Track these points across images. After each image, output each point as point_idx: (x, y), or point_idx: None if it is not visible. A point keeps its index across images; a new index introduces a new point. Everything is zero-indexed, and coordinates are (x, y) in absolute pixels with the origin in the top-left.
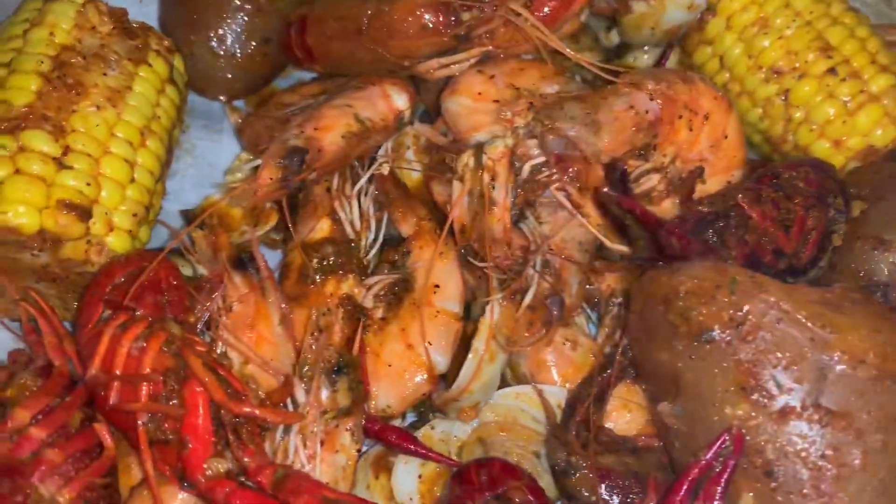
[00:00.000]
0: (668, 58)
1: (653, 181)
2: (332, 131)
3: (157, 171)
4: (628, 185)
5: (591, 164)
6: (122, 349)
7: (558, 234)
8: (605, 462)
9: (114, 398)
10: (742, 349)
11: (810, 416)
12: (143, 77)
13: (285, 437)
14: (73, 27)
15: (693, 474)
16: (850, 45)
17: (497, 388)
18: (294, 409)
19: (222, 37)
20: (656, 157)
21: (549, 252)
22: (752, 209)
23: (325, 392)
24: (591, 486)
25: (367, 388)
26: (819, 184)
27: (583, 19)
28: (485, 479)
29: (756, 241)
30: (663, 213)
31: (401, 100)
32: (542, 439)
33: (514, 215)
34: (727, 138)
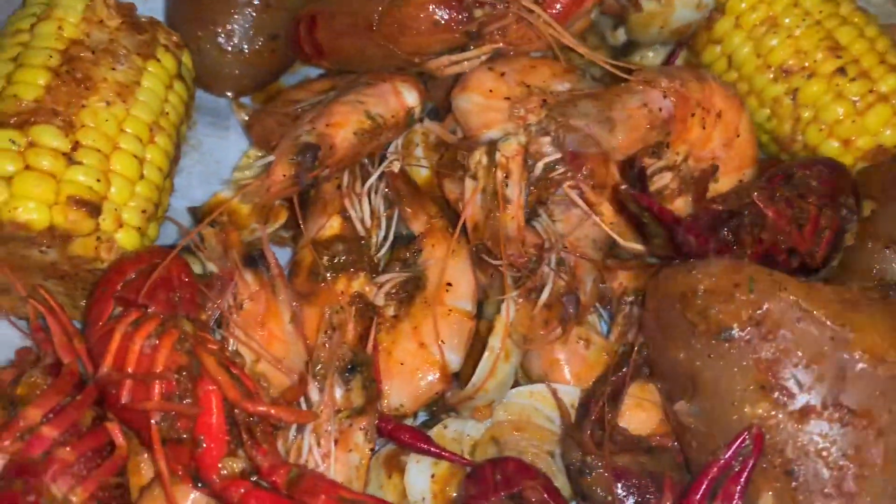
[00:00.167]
0: (677, 57)
1: (665, 179)
2: (344, 128)
3: (165, 168)
4: (646, 183)
5: (605, 161)
6: (135, 347)
7: (572, 232)
8: (621, 461)
9: (126, 397)
10: (762, 347)
11: (831, 415)
12: (151, 72)
13: (298, 437)
14: (81, 21)
15: (712, 473)
16: (860, 44)
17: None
18: (307, 408)
19: (230, 33)
20: (669, 155)
21: (564, 250)
22: (768, 207)
23: (339, 391)
24: (606, 485)
25: (380, 386)
26: (832, 183)
27: (592, 17)
28: (500, 478)
29: (772, 240)
30: (676, 211)
31: (411, 97)
32: (556, 439)
33: (527, 213)
34: (739, 137)
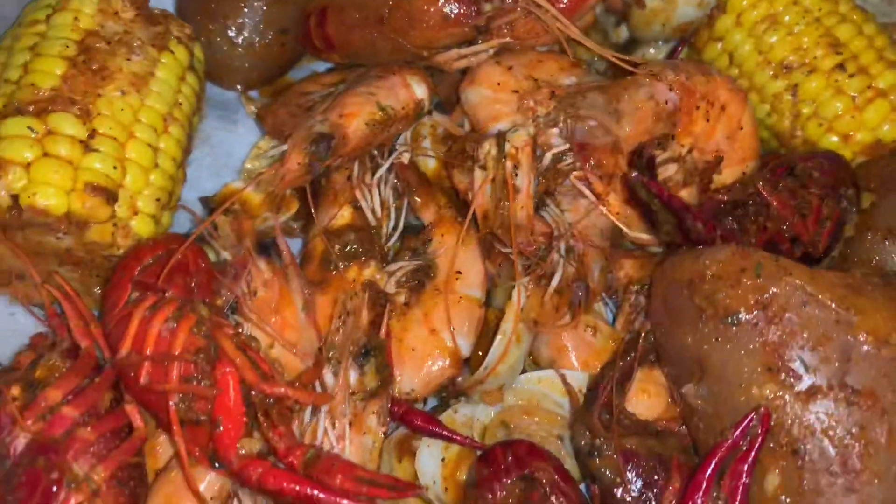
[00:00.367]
0: (678, 54)
1: (670, 171)
2: (356, 118)
3: (178, 158)
4: (655, 171)
5: (613, 152)
6: (153, 330)
7: (579, 221)
8: (629, 444)
9: (145, 379)
10: (768, 331)
11: (836, 395)
12: (165, 63)
13: (313, 420)
14: (96, 12)
15: (720, 453)
16: (859, 41)
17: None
18: (322, 391)
19: (240, 26)
20: (674, 146)
21: (573, 238)
22: (772, 196)
23: (353, 374)
24: (615, 467)
25: (392, 370)
26: (833, 174)
27: (597, 12)
28: (511, 459)
29: (776, 228)
30: None
31: (420, 89)
32: (565, 423)
33: (535, 203)
34: (742, 130)
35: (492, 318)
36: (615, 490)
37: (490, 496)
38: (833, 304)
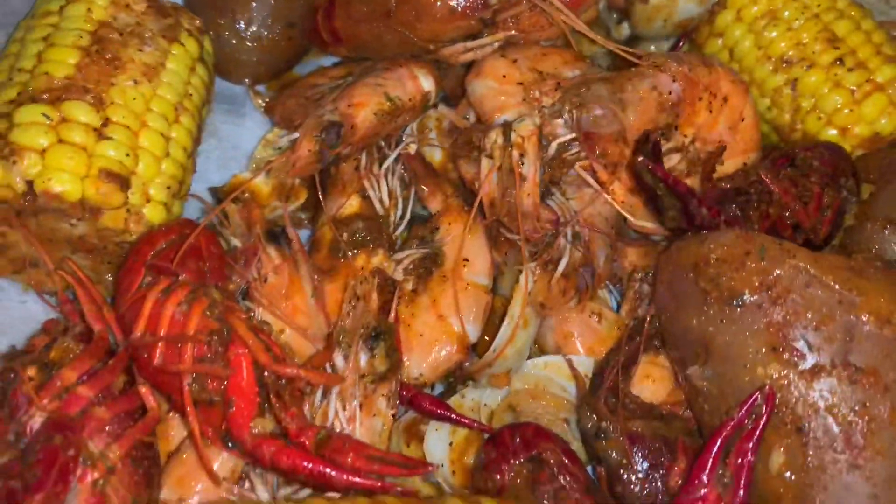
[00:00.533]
0: (680, 48)
1: (673, 161)
2: (364, 108)
3: (189, 147)
4: (660, 156)
5: (617, 142)
6: (167, 312)
7: (584, 209)
8: (634, 427)
9: (159, 359)
10: (773, 312)
11: (840, 373)
12: (175, 55)
13: (324, 402)
14: (109, 4)
15: (726, 432)
16: (857, 36)
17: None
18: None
19: (249, 20)
20: (677, 137)
21: (578, 224)
22: (774, 183)
23: (363, 357)
24: (621, 448)
25: (401, 354)
26: (833, 164)
27: (600, 8)
28: (518, 441)
29: (778, 215)
30: None
31: (427, 82)
32: (571, 406)
33: (541, 192)
34: (744, 121)
35: (498, 305)
36: (621, 471)
37: (498, 477)
38: (836, 286)
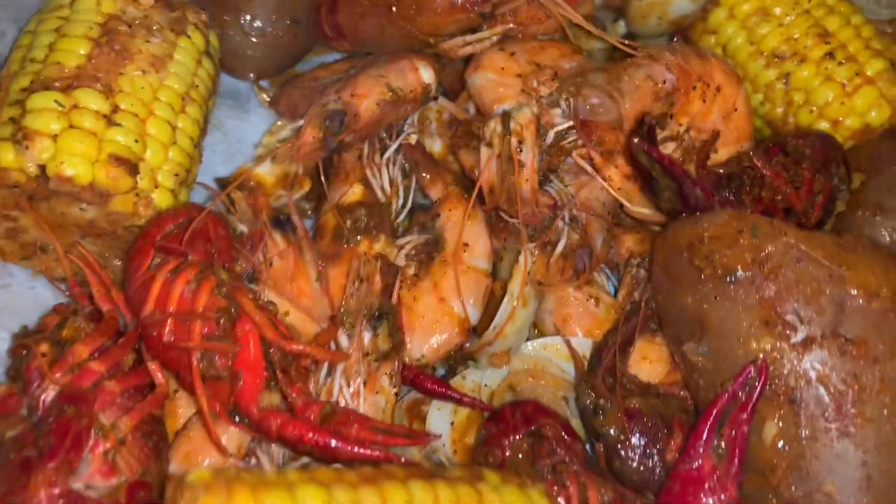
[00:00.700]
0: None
1: (668, 149)
2: (367, 98)
3: (195, 137)
4: (656, 138)
5: (613, 130)
6: (176, 291)
7: (582, 193)
8: (631, 404)
9: (168, 336)
10: (765, 287)
11: (830, 344)
12: (182, 47)
13: (328, 379)
14: None
15: (721, 403)
16: (847, 31)
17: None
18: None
19: (253, 16)
20: (672, 125)
21: (576, 208)
22: (766, 167)
23: (367, 336)
24: (618, 425)
25: (404, 334)
26: (824, 152)
27: (596, 3)
28: (519, 417)
29: (770, 199)
30: None
31: (427, 74)
32: (570, 385)
33: (540, 179)
34: (737, 111)
35: (497, 289)
36: (619, 447)
37: (499, 452)
38: (826, 261)
